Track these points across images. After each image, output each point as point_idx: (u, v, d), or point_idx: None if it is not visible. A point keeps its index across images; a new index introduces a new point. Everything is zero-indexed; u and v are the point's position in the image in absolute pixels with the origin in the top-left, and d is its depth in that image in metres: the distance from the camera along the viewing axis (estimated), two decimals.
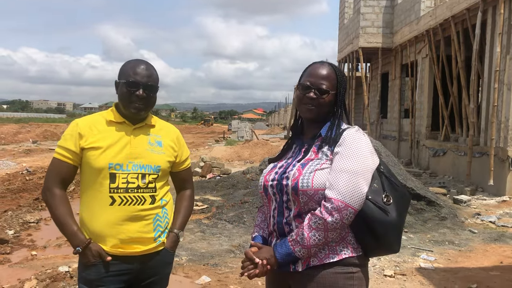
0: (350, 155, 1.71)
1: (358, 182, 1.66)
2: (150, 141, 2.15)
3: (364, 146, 1.74)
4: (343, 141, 1.75)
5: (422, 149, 14.42)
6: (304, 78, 1.86)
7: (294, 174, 1.75)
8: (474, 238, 6.40)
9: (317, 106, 1.82)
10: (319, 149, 1.80)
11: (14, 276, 4.50)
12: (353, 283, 1.71)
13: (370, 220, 1.68)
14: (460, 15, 11.59)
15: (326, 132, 1.82)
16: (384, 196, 1.73)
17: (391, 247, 1.75)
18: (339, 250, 1.71)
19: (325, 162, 1.75)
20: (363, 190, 1.67)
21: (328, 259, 1.70)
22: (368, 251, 1.77)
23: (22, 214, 7.35)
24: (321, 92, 1.81)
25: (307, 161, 1.78)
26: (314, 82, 1.82)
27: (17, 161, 16.65)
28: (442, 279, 4.71)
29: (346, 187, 1.65)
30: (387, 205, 1.71)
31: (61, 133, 35.41)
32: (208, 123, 78.08)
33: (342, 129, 1.82)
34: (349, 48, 19.01)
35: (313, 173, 1.72)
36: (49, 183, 2.08)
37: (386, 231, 1.69)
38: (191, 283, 4.45)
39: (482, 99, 11.01)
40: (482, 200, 9.31)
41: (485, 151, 10.26)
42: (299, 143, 1.92)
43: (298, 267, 1.73)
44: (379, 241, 1.70)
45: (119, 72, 2.14)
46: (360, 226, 1.70)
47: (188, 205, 2.36)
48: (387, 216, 1.69)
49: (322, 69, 1.84)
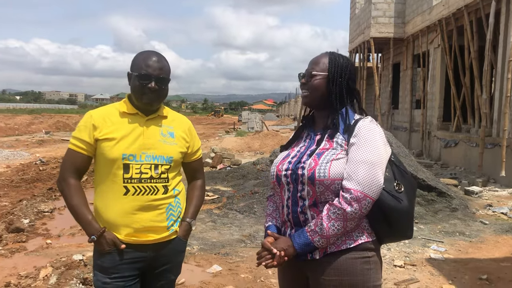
0: (366, 146, 1.74)
1: (376, 172, 1.70)
2: (163, 132, 2.19)
3: (378, 137, 1.78)
4: (358, 132, 1.78)
5: (434, 140, 14.32)
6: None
7: (310, 164, 1.77)
8: (485, 229, 6.38)
9: (309, 90, 1.89)
10: (332, 138, 1.83)
11: (30, 263, 4.60)
12: (370, 267, 1.76)
13: (385, 208, 1.72)
14: (474, 4, 11.42)
15: (337, 121, 1.85)
16: (396, 184, 1.78)
17: (405, 233, 1.80)
18: (355, 236, 1.75)
19: (340, 152, 1.78)
20: (380, 180, 1.71)
21: (345, 245, 1.74)
22: (382, 238, 1.82)
23: (36, 204, 7.47)
24: (309, 76, 1.89)
25: (322, 151, 1.80)
26: (307, 69, 1.93)
27: (30, 151, 16.89)
28: (452, 269, 4.72)
29: (364, 177, 1.68)
30: (399, 193, 1.76)
31: (73, 124, 35.77)
32: (218, 114, 78.22)
33: (355, 119, 1.84)
34: (360, 38, 18.86)
35: (329, 163, 1.74)
36: (64, 173, 2.12)
37: (400, 217, 1.75)
38: (202, 272, 4.51)
39: (495, 90, 10.88)
40: (493, 191, 9.25)
41: (498, 142, 10.17)
42: (311, 132, 1.95)
43: (315, 255, 1.77)
44: (393, 227, 1.76)
45: (131, 63, 2.17)
46: (376, 214, 1.74)
47: (199, 195, 2.40)
48: (400, 204, 1.74)
49: (316, 57, 1.93)
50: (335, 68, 1.87)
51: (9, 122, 30.96)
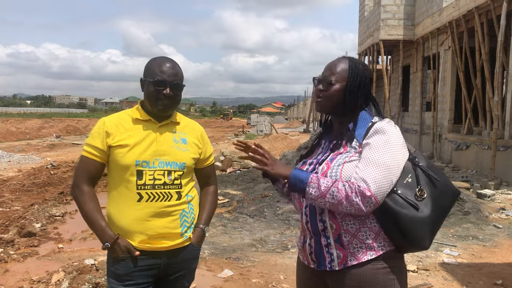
0: (380, 147, 1.68)
1: (386, 175, 1.63)
2: (175, 138, 2.18)
3: (394, 139, 1.71)
4: (374, 133, 1.72)
5: (445, 142, 14.20)
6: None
7: (322, 168, 1.76)
8: (498, 233, 6.30)
9: (324, 98, 1.84)
10: (347, 143, 1.80)
11: (42, 268, 4.63)
12: (393, 277, 1.70)
13: (397, 216, 1.64)
14: (485, 6, 11.33)
15: (353, 126, 1.81)
16: (418, 190, 1.68)
17: (419, 243, 1.67)
18: (377, 246, 1.69)
19: (353, 154, 1.74)
20: (389, 184, 1.64)
21: (366, 257, 1.69)
22: (398, 246, 1.72)
23: (48, 208, 7.52)
24: (326, 83, 1.83)
25: (335, 155, 1.78)
26: (323, 74, 1.86)
27: (41, 155, 17.03)
28: (466, 274, 4.66)
29: (373, 178, 1.62)
30: (419, 200, 1.66)
31: (83, 127, 36.06)
32: (227, 117, 78.38)
33: (372, 122, 1.79)
34: (369, 40, 18.79)
35: (341, 166, 1.71)
36: (78, 180, 2.12)
37: (414, 226, 1.64)
38: (213, 276, 4.50)
39: (507, 92, 10.77)
40: (506, 194, 9.14)
41: (510, 145, 10.06)
42: (328, 139, 1.93)
43: (334, 266, 1.73)
44: (406, 236, 1.66)
45: (145, 69, 2.17)
46: (388, 221, 1.67)
47: (212, 201, 2.39)
48: (416, 212, 1.65)
49: (334, 62, 1.86)
50: (355, 77, 1.81)
51: (20, 126, 31.28)
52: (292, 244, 5.64)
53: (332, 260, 1.74)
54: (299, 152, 10.24)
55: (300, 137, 27.25)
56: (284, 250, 5.43)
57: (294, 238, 5.89)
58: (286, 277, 4.49)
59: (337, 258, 1.72)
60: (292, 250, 5.40)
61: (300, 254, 1.93)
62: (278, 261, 5.01)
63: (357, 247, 1.70)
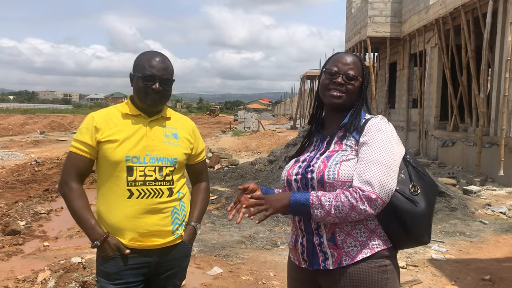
0: (378, 146, 1.66)
1: (388, 174, 1.62)
2: (166, 133, 2.14)
3: (391, 136, 1.71)
4: (369, 130, 1.71)
5: (431, 139, 14.33)
6: (331, 65, 1.82)
7: (319, 166, 1.71)
8: (485, 229, 6.37)
9: (345, 93, 1.78)
10: (342, 140, 1.77)
11: (27, 267, 4.53)
12: (387, 277, 1.68)
13: (400, 212, 1.64)
14: (471, 4, 11.43)
15: (348, 122, 1.78)
16: (412, 186, 1.69)
17: (421, 238, 1.70)
18: (371, 244, 1.68)
19: (350, 153, 1.71)
20: (393, 182, 1.63)
21: (361, 255, 1.67)
22: (397, 243, 1.73)
23: (32, 205, 7.38)
24: (349, 78, 1.78)
25: (331, 153, 1.74)
26: (341, 68, 1.79)
27: (25, 152, 16.77)
28: (454, 270, 4.70)
29: (376, 178, 1.60)
30: (414, 195, 1.67)
31: (67, 123, 35.61)
32: (214, 113, 78.16)
33: (365, 119, 1.78)
34: (356, 37, 18.85)
35: (338, 165, 1.68)
36: (66, 177, 2.06)
37: (415, 221, 1.66)
38: (203, 274, 4.46)
39: (492, 89, 10.89)
40: (492, 190, 9.26)
41: (495, 141, 10.18)
42: (320, 136, 1.88)
43: (328, 265, 1.70)
44: (408, 232, 1.66)
45: (134, 64, 2.12)
46: (390, 218, 1.66)
47: (204, 197, 2.36)
48: (415, 207, 1.65)
49: (348, 57, 1.82)
50: (367, 74, 1.84)
51: (3, 122, 30.75)
52: (282, 241, 5.62)
53: (326, 259, 1.71)
54: (287, 149, 10.23)
55: (288, 133, 27.27)
56: (274, 247, 5.41)
57: (283, 235, 5.87)
58: (276, 274, 4.47)
59: (331, 257, 1.69)
60: (281, 247, 5.38)
61: (291, 254, 1.89)
62: (268, 258, 4.98)
63: (351, 246, 1.68)
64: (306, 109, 40.52)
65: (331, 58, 1.87)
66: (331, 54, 1.91)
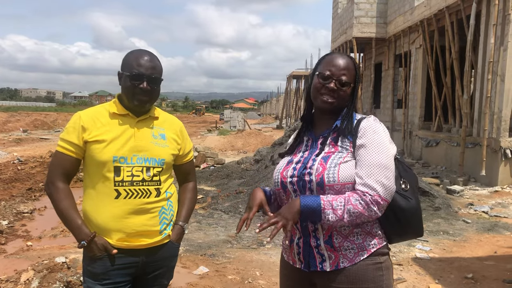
0: (376, 148, 1.68)
1: (390, 175, 1.67)
2: (154, 133, 2.13)
3: (385, 137, 1.74)
4: (365, 132, 1.72)
5: (415, 139, 14.49)
6: (323, 67, 1.79)
7: (317, 169, 1.70)
8: (468, 228, 6.47)
9: (337, 98, 1.77)
10: (336, 141, 1.77)
11: (10, 267, 4.47)
12: (382, 273, 1.71)
13: (397, 209, 1.69)
14: (455, 6, 11.58)
15: (341, 124, 1.78)
16: (402, 182, 1.74)
17: (417, 231, 1.77)
18: (368, 245, 1.70)
19: (347, 155, 1.72)
20: (393, 182, 1.68)
21: (359, 257, 1.69)
22: (394, 239, 1.78)
23: (15, 204, 7.28)
24: (341, 84, 1.77)
25: (328, 155, 1.74)
26: (334, 72, 1.77)
27: (7, 150, 16.49)
28: (438, 268, 4.76)
29: (380, 182, 1.63)
30: (405, 191, 1.73)
31: (51, 122, 35.12)
32: (200, 112, 77.85)
33: (357, 119, 1.79)
34: (342, 38, 18.96)
35: (337, 167, 1.68)
36: (52, 176, 2.04)
37: (411, 217, 1.72)
38: (189, 273, 4.45)
39: (475, 90, 11.06)
40: (474, 190, 9.40)
41: (478, 142, 10.33)
42: (311, 135, 1.87)
43: (326, 267, 1.71)
44: (406, 227, 1.73)
45: (122, 63, 2.10)
46: (388, 216, 1.70)
47: (192, 197, 2.35)
48: (409, 202, 1.71)
49: (342, 60, 1.79)
50: (359, 79, 1.84)
51: None
52: (268, 240, 5.63)
53: (323, 261, 1.72)
54: (273, 148, 10.25)
55: (274, 133, 27.29)
56: (260, 246, 5.42)
57: None
58: (262, 273, 4.48)
59: (329, 259, 1.71)
60: (267, 246, 5.40)
61: (285, 254, 1.89)
62: (254, 257, 4.99)
63: (348, 248, 1.69)
64: (292, 109, 40.61)
65: (324, 59, 1.84)
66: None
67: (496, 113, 9.82)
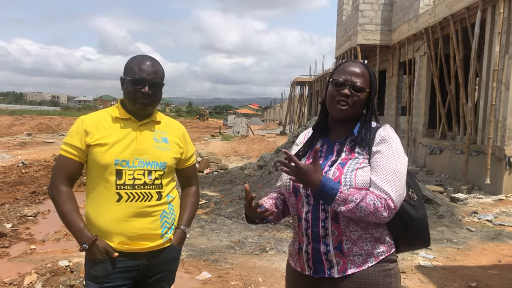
0: (392, 155, 1.71)
1: (401, 182, 1.68)
2: (156, 137, 2.14)
3: (400, 146, 1.76)
4: (382, 140, 1.73)
5: (419, 146, 14.46)
6: (338, 75, 1.80)
7: (334, 173, 1.70)
8: (472, 237, 6.43)
9: (351, 104, 1.76)
10: (353, 148, 1.76)
11: (14, 270, 4.47)
12: (391, 280, 1.72)
13: (407, 218, 1.71)
14: (460, 14, 11.59)
15: (359, 132, 1.78)
16: (411, 192, 1.76)
17: (425, 241, 1.79)
18: (376, 252, 1.71)
19: (363, 161, 1.72)
20: (404, 190, 1.69)
21: (367, 264, 1.69)
22: (402, 247, 1.79)
23: (19, 208, 7.30)
24: (355, 89, 1.76)
25: (345, 161, 1.74)
26: (348, 79, 1.77)
27: (12, 153, 16.55)
28: (441, 277, 4.74)
29: (393, 188, 1.65)
30: (414, 201, 1.74)
31: (55, 126, 35.27)
32: (203, 117, 77.99)
33: (373, 127, 1.80)
34: (347, 45, 18.99)
35: (354, 172, 1.69)
36: (56, 180, 2.06)
37: (420, 225, 1.73)
38: (191, 278, 4.44)
39: (480, 98, 11.04)
40: (478, 198, 9.36)
41: (482, 150, 10.30)
42: (327, 142, 1.86)
43: (334, 273, 1.71)
44: (414, 236, 1.75)
45: (124, 68, 2.12)
46: (397, 224, 1.72)
47: (194, 202, 2.36)
48: (418, 212, 1.73)
49: (356, 67, 1.80)
50: (375, 85, 1.82)
51: None
52: (271, 246, 5.62)
53: (331, 267, 1.72)
54: (277, 154, 10.24)
55: (277, 139, 27.30)
56: (263, 252, 5.41)
57: (272, 240, 5.87)
58: (265, 279, 4.46)
59: (337, 265, 1.71)
60: (270, 252, 5.38)
61: (292, 261, 1.88)
62: (257, 263, 4.98)
63: (357, 254, 1.70)
64: (295, 115, 40.63)
65: (339, 67, 1.85)
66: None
67: (500, 121, 9.79)
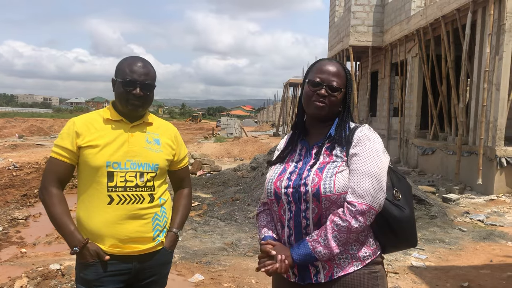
0: (369, 157, 1.67)
1: (380, 184, 1.65)
2: (148, 139, 2.13)
3: (379, 146, 1.72)
4: (359, 141, 1.71)
5: (411, 147, 14.52)
6: (313, 74, 1.78)
7: (313, 179, 1.67)
8: (463, 237, 6.46)
9: (328, 104, 1.75)
10: (331, 151, 1.74)
11: (4, 274, 4.43)
12: (378, 283, 1.70)
13: (390, 218, 1.69)
14: (451, 15, 11.67)
15: (336, 133, 1.76)
16: (395, 191, 1.74)
17: (411, 241, 1.77)
18: (362, 256, 1.69)
19: (341, 164, 1.70)
20: (383, 192, 1.67)
21: (353, 268, 1.68)
22: (388, 248, 1.77)
23: (10, 211, 7.23)
24: (332, 90, 1.75)
25: (323, 165, 1.71)
26: (325, 78, 1.75)
27: (3, 156, 16.41)
28: (434, 277, 4.75)
29: (368, 190, 1.63)
30: (398, 200, 1.72)
31: (47, 128, 35.02)
32: (196, 119, 77.81)
33: (351, 128, 1.78)
34: (339, 46, 19.04)
35: (333, 177, 1.66)
36: (46, 182, 2.04)
37: (405, 226, 1.71)
38: (184, 281, 4.42)
39: (471, 99, 11.11)
40: (470, 198, 9.41)
41: (474, 150, 10.36)
42: (305, 144, 1.84)
43: (320, 278, 1.69)
44: (400, 237, 1.72)
45: (116, 69, 2.11)
46: (381, 225, 1.70)
47: (186, 204, 2.35)
48: (403, 212, 1.71)
49: (332, 66, 1.78)
50: (351, 84, 1.81)
51: None
52: None
53: (317, 273, 1.70)
54: (270, 155, 10.25)
55: (270, 140, 27.31)
56: (256, 254, 5.39)
57: None
58: (258, 281, 4.45)
59: (323, 269, 1.69)
60: None
61: None
62: (250, 265, 4.97)
63: (342, 258, 1.68)
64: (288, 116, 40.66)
65: (314, 66, 1.82)
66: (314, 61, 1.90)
67: (491, 121, 9.86)
